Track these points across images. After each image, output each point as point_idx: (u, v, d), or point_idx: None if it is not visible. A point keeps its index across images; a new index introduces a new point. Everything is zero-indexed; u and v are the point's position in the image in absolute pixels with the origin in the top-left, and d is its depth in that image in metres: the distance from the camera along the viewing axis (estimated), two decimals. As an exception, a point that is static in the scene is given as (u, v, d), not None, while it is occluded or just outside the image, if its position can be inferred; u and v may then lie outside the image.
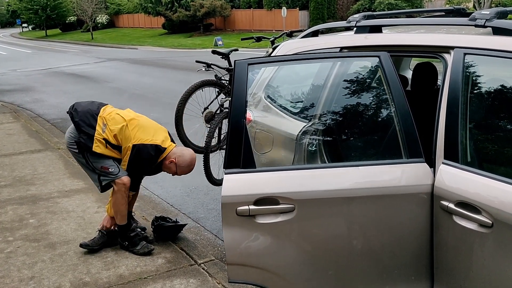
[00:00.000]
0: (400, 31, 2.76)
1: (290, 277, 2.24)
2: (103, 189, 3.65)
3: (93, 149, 3.49)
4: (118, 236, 3.78)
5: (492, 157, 2.19)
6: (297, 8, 31.78)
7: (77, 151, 3.57)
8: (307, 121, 2.87)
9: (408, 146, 2.18)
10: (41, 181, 5.47)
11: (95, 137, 3.50)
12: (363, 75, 2.78)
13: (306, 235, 2.20)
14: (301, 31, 4.09)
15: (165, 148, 3.57)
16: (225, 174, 2.16)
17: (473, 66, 2.17)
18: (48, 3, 48.68)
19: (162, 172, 3.72)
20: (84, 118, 3.55)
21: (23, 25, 64.60)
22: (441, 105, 2.17)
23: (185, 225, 4.05)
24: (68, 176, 5.60)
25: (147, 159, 3.52)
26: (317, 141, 2.77)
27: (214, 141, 4.64)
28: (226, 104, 4.76)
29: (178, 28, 36.95)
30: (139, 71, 17.12)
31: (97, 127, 3.52)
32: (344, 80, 2.75)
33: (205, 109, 4.83)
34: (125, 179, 3.56)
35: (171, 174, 3.68)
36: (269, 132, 3.06)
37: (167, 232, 3.91)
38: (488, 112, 2.27)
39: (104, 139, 3.50)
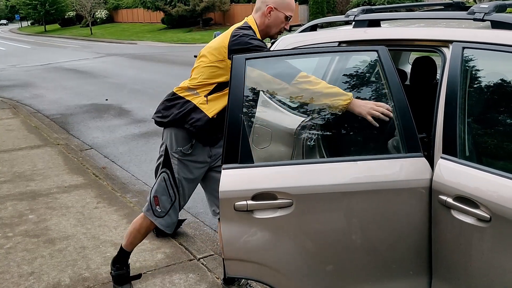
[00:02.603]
0: (399, 25, 2.75)
1: (288, 272, 2.24)
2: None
3: (210, 115, 2.70)
4: (114, 259, 3.18)
5: (491, 151, 2.19)
6: (297, 2, 31.64)
7: (160, 162, 2.84)
8: (306, 116, 2.86)
9: (406, 141, 2.17)
10: (40, 176, 5.47)
11: (196, 104, 2.72)
12: (362, 70, 2.77)
13: (304, 230, 2.20)
14: (300, 25, 4.07)
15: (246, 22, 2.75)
16: (223, 169, 2.16)
17: (472, 60, 2.16)
18: (47, -2, 48.60)
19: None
20: (172, 108, 2.78)
21: (6, 21, 63.91)
22: (440, 99, 2.17)
23: (184, 220, 4.06)
24: (67, 172, 5.61)
25: (247, 40, 2.62)
26: (315, 136, 2.76)
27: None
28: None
29: (177, 23, 36.85)
30: (138, 66, 17.09)
31: (186, 98, 2.75)
32: (343, 75, 2.75)
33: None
34: (160, 224, 2.94)
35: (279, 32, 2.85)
36: (268, 127, 3.05)
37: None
38: (487, 106, 2.27)
39: (205, 95, 2.72)
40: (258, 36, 2.70)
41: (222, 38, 2.69)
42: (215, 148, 2.88)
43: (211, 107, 2.70)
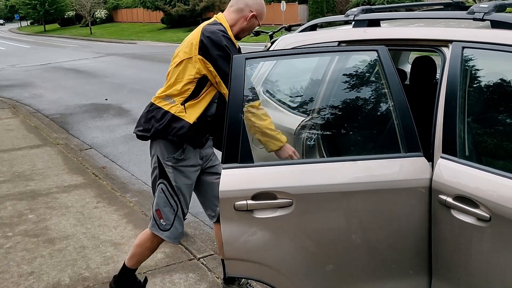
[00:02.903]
0: (398, 25, 2.75)
1: (288, 271, 2.24)
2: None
3: (191, 121, 2.62)
4: (117, 279, 3.03)
5: (490, 151, 2.19)
6: (296, 2, 31.67)
7: (156, 174, 2.76)
8: (306, 115, 2.87)
9: (406, 140, 2.17)
10: (40, 176, 5.47)
11: (174, 113, 2.63)
12: (362, 69, 2.77)
13: (304, 230, 2.20)
14: (299, 25, 4.07)
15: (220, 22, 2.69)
16: (223, 169, 2.16)
17: (472, 59, 2.16)
18: (47, -3, 48.58)
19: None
20: (151, 121, 2.70)
21: (3, 21, 63.86)
22: (439, 99, 2.17)
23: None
24: (67, 172, 5.60)
25: (225, 43, 2.56)
26: (315, 135, 2.76)
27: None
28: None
29: (177, 22, 36.85)
30: (138, 66, 17.09)
31: (164, 108, 2.66)
32: (343, 74, 2.75)
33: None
34: (167, 238, 2.82)
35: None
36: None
37: None
38: (487, 106, 2.27)
39: (182, 102, 2.64)
40: (230, 34, 2.65)
41: (193, 35, 2.64)
42: (205, 149, 2.82)
43: (190, 114, 2.63)
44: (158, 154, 2.71)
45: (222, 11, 2.82)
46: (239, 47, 2.72)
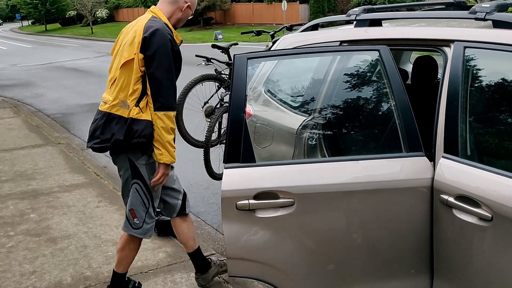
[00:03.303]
0: (400, 24, 2.75)
1: (290, 271, 2.24)
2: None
3: (149, 118, 2.63)
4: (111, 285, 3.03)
5: (492, 150, 2.19)
6: (297, 1, 31.65)
7: (129, 175, 2.78)
8: (307, 115, 2.87)
9: (408, 140, 2.18)
10: (41, 176, 5.48)
11: (132, 117, 2.64)
12: (363, 69, 2.77)
13: (306, 229, 2.21)
14: (301, 24, 4.08)
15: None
16: (225, 168, 2.16)
17: (473, 59, 2.16)
18: (48, -3, 48.60)
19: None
20: (115, 128, 2.67)
21: (1, 21, 63.73)
22: (441, 98, 2.17)
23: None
24: (68, 171, 5.61)
25: (163, 41, 2.62)
26: (317, 135, 2.77)
27: (214, 136, 4.65)
28: (226, 99, 4.76)
29: (178, 22, 36.83)
30: (139, 66, 17.07)
31: (121, 114, 2.67)
32: (344, 74, 2.75)
33: (205, 103, 4.84)
34: (140, 235, 2.87)
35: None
36: (269, 126, 3.06)
37: (168, 226, 3.91)
38: (488, 105, 2.27)
39: (135, 104, 2.64)
40: (171, 27, 2.73)
41: (135, 34, 2.65)
42: None
43: (146, 113, 2.64)
44: (131, 156, 2.72)
45: (223, 10, 2.88)
46: (181, 40, 2.83)
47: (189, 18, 2.91)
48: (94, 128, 2.77)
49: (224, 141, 4.71)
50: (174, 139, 2.72)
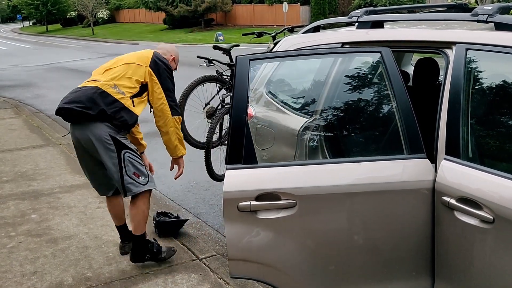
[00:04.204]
0: (402, 26, 2.76)
1: (292, 272, 2.24)
2: (126, 195, 3.26)
3: (138, 113, 3.18)
4: (134, 251, 3.37)
5: (494, 153, 2.19)
6: (298, 3, 31.68)
7: (112, 148, 3.09)
8: (309, 116, 2.87)
9: (409, 142, 2.18)
10: (42, 176, 5.48)
11: (125, 104, 3.11)
12: (365, 71, 2.77)
13: (308, 231, 2.21)
14: (302, 26, 4.08)
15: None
16: (227, 169, 2.17)
17: (475, 61, 2.17)
18: (49, -2, 48.63)
19: (163, 168, 3.71)
20: (99, 103, 3.05)
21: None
22: (443, 100, 2.17)
23: (186, 220, 4.07)
24: (69, 172, 5.61)
25: (168, 66, 3.35)
26: (318, 136, 2.77)
27: (215, 137, 4.65)
28: (227, 100, 4.77)
29: (179, 23, 36.87)
30: (140, 67, 17.08)
31: (115, 96, 3.10)
32: (346, 76, 2.75)
33: (206, 104, 4.84)
34: (152, 187, 3.27)
35: None
36: (271, 128, 3.06)
37: (169, 227, 3.92)
38: (490, 108, 2.27)
39: (130, 97, 3.16)
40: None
41: (145, 53, 3.34)
42: None
43: (137, 108, 3.20)
44: (111, 133, 3.10)
45: (224, 12, 3.09)
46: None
47: (173, 70, 3.50)
48: (80, 94, 3.14)
49: (225, 142, 4.74)
50: None
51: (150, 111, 3.39)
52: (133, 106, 3.16)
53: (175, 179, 3.64)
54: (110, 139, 3.10)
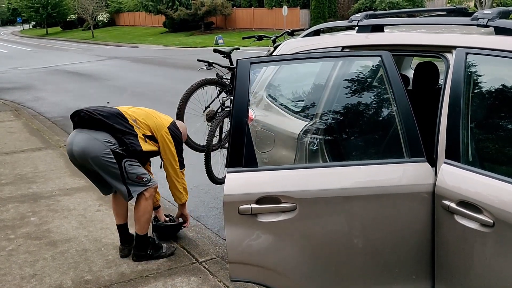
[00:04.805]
0: (402, 30, 2.76)
1: (292, 275, 2.24)
2: (130, 199, 3.44)
3: (143, 149, 3.39)
4: (138, 248, 3.57)
5: (494, 156, 2.20)
6: (298, 7, 31.76)
7: (113, 161, 3.27)
8: (309, 120, 2.87)
9: (409, 146, 2.18)
10: (42, 179, 5.48)
11: (138, 134, 3.39)
12: (365, 75, 2.78)
13: (308, 234, 2.21)
14: (302, 30, 4.09)
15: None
16: (227, 172, 2.17)
17: (475, 65, 2.17)
18: (49, 1, 48.63)
19: (162, 171, 3.71)
20: (117, 120, 3.34)
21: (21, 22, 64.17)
22: (443, 104, 2.18)
23: (184, 223, 4.06)
24: (69, 175, 5.61)
25: (180, 137, 3.65)
26: (318, 140, 2.77)
27: (215, 140, 4.65)
28: (228, 103, 4.77)
29: (179, 26, 36.93)
30: (139, 70, 17.12)
31: (132, 124, 3.39)
32: (346, 79, 2.76)
33: (206, 107, 4.84)
34: (155, 185, 3.53)
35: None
36: (271, 131, 3.06)
37: (168, 230, 3.91)
38: (490, 112, 2.28)
39: (143, 134, 3.43)
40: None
41: (164, 118, 3.63)
42: None
43: (146, 145, 3.44)
44: (112, 147, 3.27)
45: (224, 15, 3.07)
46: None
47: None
48: (102, 108, 3.41)
49: (225, 145, 4.74)
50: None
51: (161, 167, 3.68)
52: (145, 142, 3.42)
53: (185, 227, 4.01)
54: (110, 153, 3.25)
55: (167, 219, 3.98)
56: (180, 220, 4.03)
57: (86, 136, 3.28)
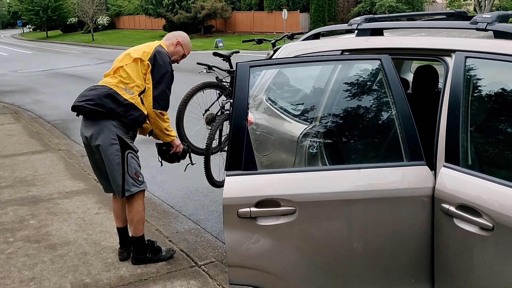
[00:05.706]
0: (401, 34, 2.77)
1: (291, 279, 2.24)
2: (124, 195, 3.40)
3: (145, 113, 3.31)
4: (137, 251, 3.54)
5: (493, 160, 2.20)
6: (298, 10, 31.82)
7: (118, 148, 3.27)
8: (308, 123, 2.87)
9: (409, 149, 2.18)
10: (41, 182, 5.47)
11: (134, 103, 3.27)
12: (364, 78, 2.78)
13: (307, 237, 2.21)
14: (302, 33, 4.10)
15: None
16: (227, 176, 2.17)
17: (474, 69, 2.18)
18: (49, 4, 48.71)
19: (162, 174, 3.71)
20: (110, 102, 3.23)
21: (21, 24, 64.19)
22: (442, 108, 2.18)
23: (188, 149, 4.05)
24: (68, 178, 5.61)
25: (168, 61, 3.41)
26: (318, 143, 2.77)
27: (215, 143, 4.65)
28: (227, 106, 4.77)
29: (178, 29, 36.41)
30: (139, 73, 17.10)
31: (124, 96, 3.26)
32: (345, 83, 2.76)
33: (206, 111, 4.84)
34: (146, 187, 3.49)
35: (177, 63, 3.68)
36: (270, 134, 3.06)
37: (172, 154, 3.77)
38: (489, 115, 2.28)
39: (138, 94, 3.30)
40: (169, 54, 3.52)
41: (147, 47, 3.44)
42: None
43: (145, 106, 3.34)
44: (118, 132, 3.28)
45: (224, 18, 3.07)
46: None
47: (182, 57, 3.68)
48: (91, 93, 3.31)
49: (225, 148, 4.74)
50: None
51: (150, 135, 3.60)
52: (142, 104, 3.33)
53: (172, 153, 3.77)
54: (116, 138, 3.27)
55: None
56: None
57: (91, 122, 3.31)
